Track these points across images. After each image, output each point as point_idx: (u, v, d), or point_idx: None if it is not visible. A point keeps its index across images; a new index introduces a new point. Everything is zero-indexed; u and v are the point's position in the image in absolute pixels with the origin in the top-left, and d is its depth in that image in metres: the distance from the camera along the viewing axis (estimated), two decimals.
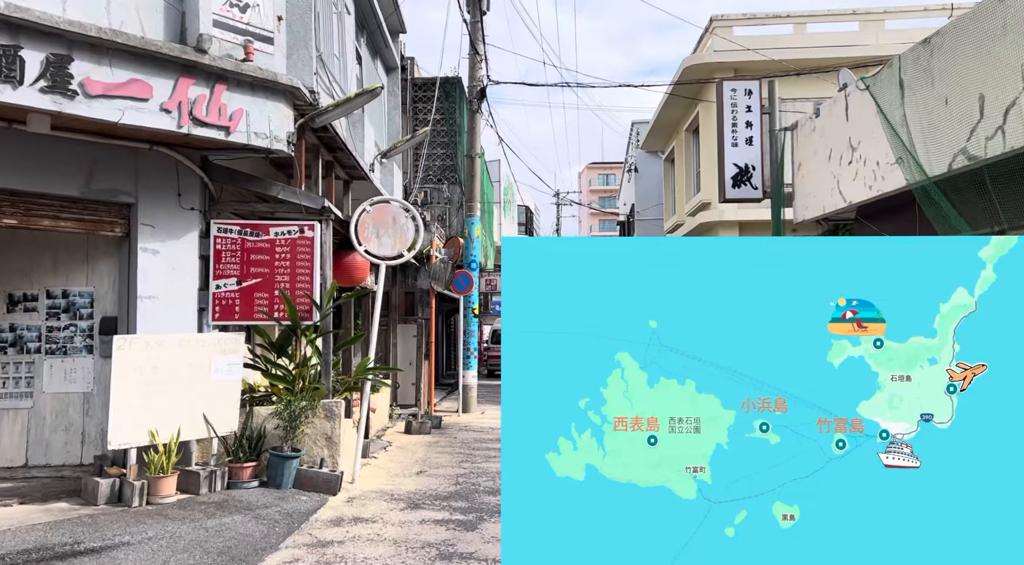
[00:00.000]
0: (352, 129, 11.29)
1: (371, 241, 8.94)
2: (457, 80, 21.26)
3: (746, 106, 13.16)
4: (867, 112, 8.61)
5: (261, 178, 8.45)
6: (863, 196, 8.92)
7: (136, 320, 7.62)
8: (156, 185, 7.79)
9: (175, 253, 7.88)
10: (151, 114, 6.77)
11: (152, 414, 7.11)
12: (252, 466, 7.73)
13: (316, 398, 8.12)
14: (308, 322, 8.29)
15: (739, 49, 16.67)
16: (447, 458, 10.44)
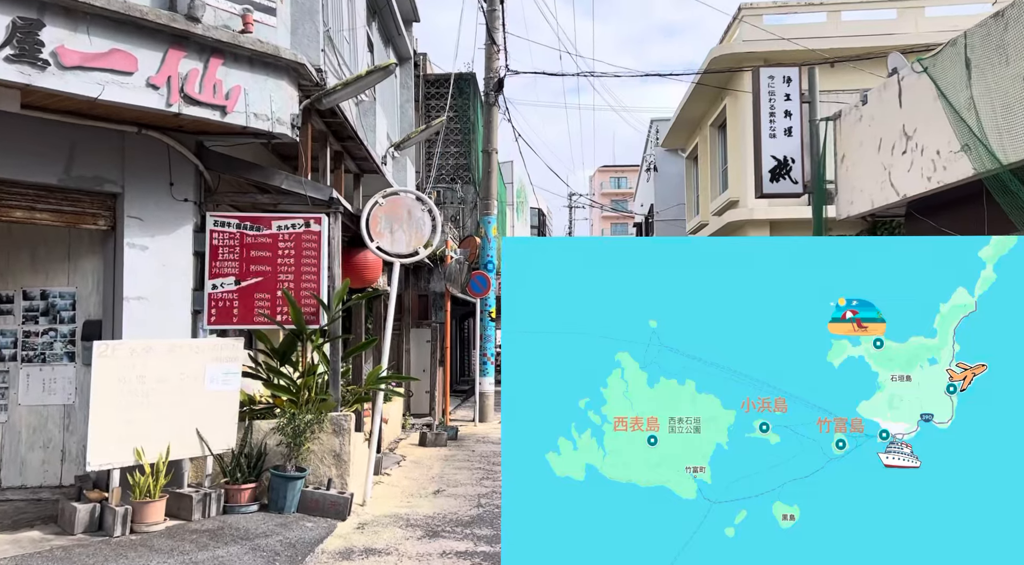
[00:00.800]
0: (363, 118, 10.48)
1: (384, 237, 8.11)
2: (471, 76, 20.58)
3: (785, 94, 12.28)
4: (925, 97, 7.85)
5: (262, 166, 7.63)
6: (919, 189, 8.17)
7: (122, 324, 6.81)
8: (145, 173, 6.98)
9: (166, 249, 7.06)
10: (136, 90, 5.95)
11: (138, 430, 6.29)
12: (251, 488, 6.90)
13: (323, 411, 7.29)
14: (314, 326, 7.45)
15: (769, 38, 15.79)
16: (466, 475, 9.57)
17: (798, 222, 15.85)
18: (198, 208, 7.30)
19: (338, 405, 7.58)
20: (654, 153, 26.92)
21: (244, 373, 7.26)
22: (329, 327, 7.56)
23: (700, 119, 20.36)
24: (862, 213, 10.14)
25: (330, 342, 7.66)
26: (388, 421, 11.54)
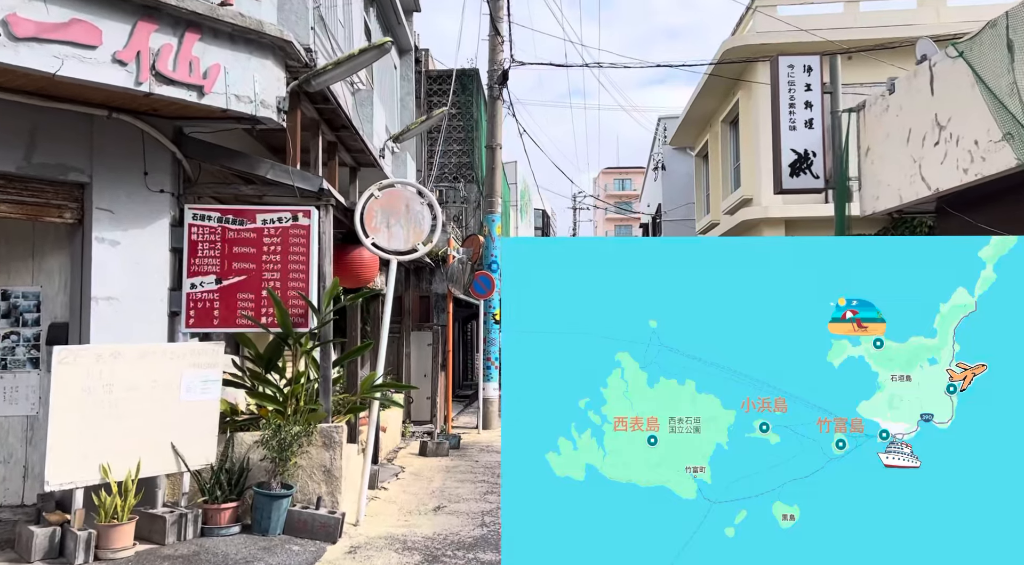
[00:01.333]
0: (360, 108, 9.85)
1: (380, 232, 7.47)
2: (474, 72, 20.07)
3: (805, 85, 11.64)
4: (960, 83, 7.32)
5: (246, 154, 7.00)
6: (954, 182, 7.66)
7: (90, 327, 6.19)
8: (117, 162, 6.36)
9: (140, 244, 6.43)
10: (100, 66, 5.33)
11: (104, 445, 5.67)
12: (232, 507, 6.26)
13: (312, 422, 6.65)
14: (303, 329, 6.82)
15: (785, 30, 15.14)
16: (469, 488, 8.92)
17: (815, 220, 15.21)
18: (176, 200, 6.68)
19: (329, 415, 6.95)
20: (662, 151, 26.28)
21: (226, 381, 6.63)
22: (320, 330, 6.93)
23: (711, 115, 19.74)
24: (888, 209, 9.54)
25: (320, 346, 7.02)
26: (387, 429, 10.90)
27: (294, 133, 7.12)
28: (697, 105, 19.37)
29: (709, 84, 17.23)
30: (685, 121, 21.04)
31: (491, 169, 15.60)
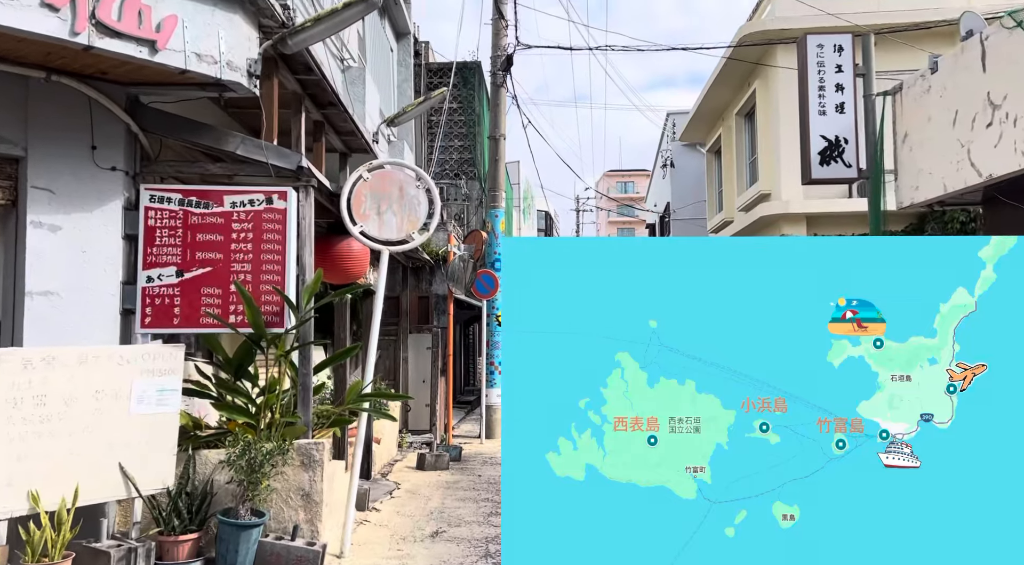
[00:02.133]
0: (351, 86, 8.93)
1: (370, 219, 6.54)
2: (476, 65, 19.24)
3: (836, 66, 10.72)
4: (1018, 56, 6.62)
5: (213, 127, 6.06)
6: (1011, 167, 6.97)
7: (23, 326, 5.25)
8: (58, 134, 5.42)
9: (86, 230, 5.49)
10: (23, 10, 4.40)
11: (34, 467, 4.72)
12: (193, 539, 5.30)
13: (289, 437, 5.71)
14: (279, 329, 5.88)
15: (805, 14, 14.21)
16: (471, 508, 7.97)
17: (838, 216, 14.29)
18: (131, 180, 5.74)
19: (309, 429, 6.00)
20: (670, 148, 25.36)
21: (187, 390, 5.69)
22: (299, 331, 5.99)
23: (724, 109, 18.84)
24: (929, 200, 8.64)
25: (299, 350, 6.08)
26: (380, 441, 9.96)
27: (269, 104, 6.17)
28: (709, 98, 18.48)
29: (724, 72, 16.32)
30: (696, 116, 20.15)
31: (494, 161, 14.70)
